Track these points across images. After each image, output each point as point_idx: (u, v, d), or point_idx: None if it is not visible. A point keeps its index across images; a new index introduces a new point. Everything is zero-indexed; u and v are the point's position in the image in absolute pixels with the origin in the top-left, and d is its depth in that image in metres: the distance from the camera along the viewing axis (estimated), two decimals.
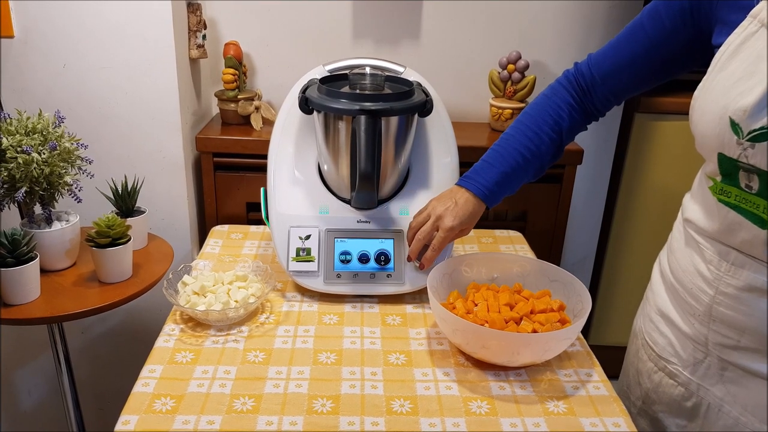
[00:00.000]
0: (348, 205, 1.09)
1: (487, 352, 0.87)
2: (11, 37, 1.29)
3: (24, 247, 1.01)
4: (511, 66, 1.56)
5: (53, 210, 1.13)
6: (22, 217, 1.21)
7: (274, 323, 1.00)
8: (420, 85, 1.10)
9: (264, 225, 1.27)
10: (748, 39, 0.68)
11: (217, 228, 1.35)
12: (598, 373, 0.90)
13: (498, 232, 1.38)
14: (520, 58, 1.55)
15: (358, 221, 1.09)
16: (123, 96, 1.35)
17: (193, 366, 0.88)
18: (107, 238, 1.08)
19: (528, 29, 1.62)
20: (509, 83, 1.58)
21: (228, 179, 1.49)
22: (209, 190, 1.50)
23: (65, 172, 1.09)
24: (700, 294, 0.78)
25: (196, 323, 0.98)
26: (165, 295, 0.99)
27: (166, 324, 0.98)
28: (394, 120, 1.02)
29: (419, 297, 1.09)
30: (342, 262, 1.06)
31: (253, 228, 1.35)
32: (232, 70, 1.50)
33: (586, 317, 0.88)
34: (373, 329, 0.99)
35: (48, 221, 1.12)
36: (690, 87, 0.78)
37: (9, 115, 1.06)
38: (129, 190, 1.23)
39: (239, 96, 1.52)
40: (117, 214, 1.22)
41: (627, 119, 1.73)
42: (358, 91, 1.05)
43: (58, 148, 1.06)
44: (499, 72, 1.58)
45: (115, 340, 1.59)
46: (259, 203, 1.21)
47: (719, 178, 0.73)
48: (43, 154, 1.04)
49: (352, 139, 1.01)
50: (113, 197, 1.23)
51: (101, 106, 1.36)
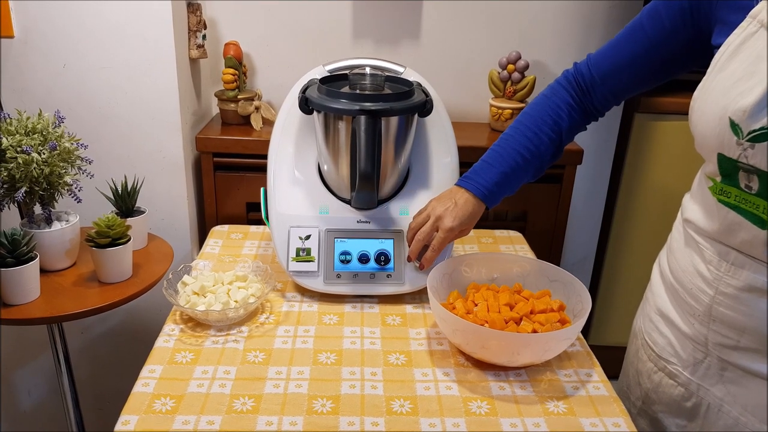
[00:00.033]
0: (348, 205, 1.09)
1: (487, 352, 0.87)
2: (11, 37, 1.29)
3: (24, 247, 1.01)
4: (511, 66, 1.56)
5: (53, 210, 1.13)
6: (22, 217, 1.21)
7: (274, 323, 1.00)
8: (420, 85, 1.10)
9: (264, 225, 1.27)
10: (747, 39, 0.68)
11: (217, 228, 1.35)
12: (598, 374, 0.90)
13: (498, 232, 1.38)
14: (520, 58, 1.55)
15: (358, 221, 1.09)
16: (123, 96, 1.35)
17: (193, 366, 0.88)
18: (107, 238, 1.08)
19: (528, 29, 1.62)
20: (509, 83, 1.58)
21: (228, 179, 1.49)
22: (209, 190, 1.50)
23: (65, 172, 1.09)
24: (699, 294, 0.78)
25: (196, 323, 0.98)
26: (165, 295, 0.99)
27: (166, 324, 0.98)
28: (394, 120, 1.02)
29: (419, 297, 1.09)
30: (342, 262, 1.06)
31: (253, 228, 1.35)
32: (232, 70, 1.50)
33: (586, 317, 0.88)
34: (373, 329, 0.99)
35: (48, 221, 1.12)
36: (690, 87, 0.78)
37: (9, 115, 1.06)
38: (129, 190, 1.23)
39: (239, 96, 1.52)
40: (117, 214, 1.22)
41: (627, 119, 1.73)
42: (358, 91, 1.05)
43: (58, 148, 1.06)
44: (499, 72, 1.58)
45: (115, 340, 1.59)
46: (259, 203, 1.21)
47: (719, 178, 0.73)
48: (43, 154, 1.05)
49: (352, 139, 1.01)
50: (113, 197, 1.23)
51: (101, 106, 1.36)
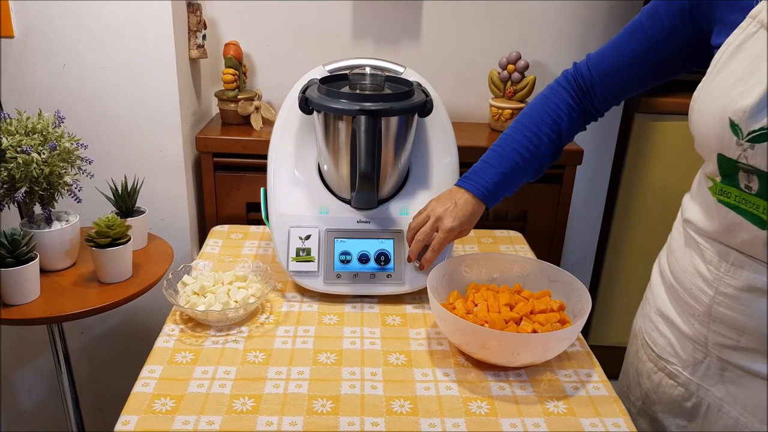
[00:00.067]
0: (348, 205, 1.09)
1: (487, 352, 0.87)
2: (11, 37, 1.29)
3: (24, 247, 1.01)
4: (511, 66, 1.56)
5: (53, 210, 1.13)
6: (22, 217, 1.21)
7: (274, 323, 1.00)
8: (420, 86, 1.10)
9: (264, 225, 1.27)
10: (747, 40, 0.68)
11: (217, 228, 1.35)
12: (597, 374, 0.90)
13: (498, 232, 1.38)
14: (520, 58, 1.55)
15: (358, 221, 1.09)
16: (123, 96, 1.36)
17: (193, 366, 0.88)
18: (107, 238, 1.08)
19: (528, 29, 1.62)
20: (509, 83, 1.58)
21: (228, 179, 1.49)
22: (209, 190, 1.50)
23: (65, 172, 1.09)
24: (699, 294, 0.78)
25: (195, 323, 0.98)
26: (165, 295, 0.99)
27: (166, 324, 0.98)
28: (394, 120, 1.02)
29: (419, 297, 1.09)
30: (342, 262, 1.06)
31: (253, 228, 1.35)
32: (232, 70, 1.50)
33: (586, 317, 0.88)
34: (373, 329, 0.99)
35: (48, 221, 1.12)
36: (690, 87, 0.78)
37: (9, 115, 1.06)
38: (129, 190, 1.23)
39: (239, 96, 1.52)
40: (117, 214, 1.22)
41: (627, 119, 1.73)
42: (358, 91, 1.05)
43: (58, 148, 1.06)
44: (499, 72, 1.58)
45: (115, 340, 1.59)
46: (259, 203, 1.21)
47: (719, 178, 0.73)
48: (43, 154, 1.04)
49: (352, 139, 1.01)
50: (113, 197, 1.23)
51: (101, 106, 1.36)
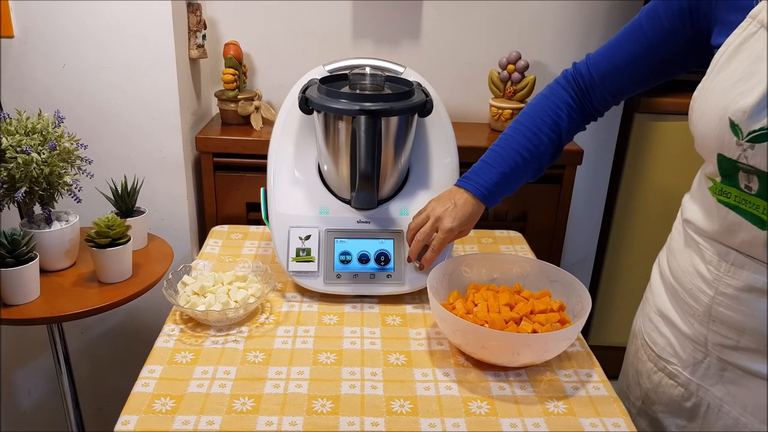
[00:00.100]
0: (348, 206, 1.09)
1: (487, 352, 0.87)
2: (11, 37, 1.29)
3: (24, 247, 1.01)
4: (511, 66, 1.56)
5: (53, 210, 1.13)
6: (21, 217, 1.21)
7: (273, 323, 1.00)
8: (420, 86, 1.10)
9: (264, 225, 1.27)
10: (747, 40, 0.68)
11: (217, 228, 1.35)
12: (597, 374, 0.90)
13: (498, 232, 1.38)
14: (520, 58, 1.55)
15: (358, 221, 1.09)
16: (123, 96, 1.35)
17: (193, 366, 0.88)
18: (107, 238, 1.08)
19: (528, 29, 1.62)
20: (509, 83, 1.58)
21: (228, 179, 1.49)
22: (209, 190, 1.50)
23: (65, 172, 1.09)
24: (699, 294, 0.78)
25: (195, 323, 0.98)
26: (165, 296, 0.99)
27: (165, 324, 0.98)
28: (394, 120, 1.02)
29: (419, 297, 1.09)
30: (342, 262, 1.06)
31: (253, 228, 1.35)
32: (232, 70, 1.50)
33: (586, 317, 0.88)
34: (373, 329, 0.99)
35: (48, 221, 1.12)
36: (690, 87, 0.78)
37: (9, 115, 1.06)
38: (129, 190, 1.23)
39: (239, 96, 1.52)
40: (117, 214, 1.22)
41: (627, 119, 1.73)
42: (358, 91, 1.05)
43: (57, 148, 1.06)
44: (499, 72, 1.58)
45: (115, 340, 1.59)
46: (259, 203, 1.21)
47: (719, 178, 0.73)
48: (43, 154, 1.04)
49: (352, 139, 1.01)
50: (113, 197, 1.23)
51: (101, 106, 1.36)
